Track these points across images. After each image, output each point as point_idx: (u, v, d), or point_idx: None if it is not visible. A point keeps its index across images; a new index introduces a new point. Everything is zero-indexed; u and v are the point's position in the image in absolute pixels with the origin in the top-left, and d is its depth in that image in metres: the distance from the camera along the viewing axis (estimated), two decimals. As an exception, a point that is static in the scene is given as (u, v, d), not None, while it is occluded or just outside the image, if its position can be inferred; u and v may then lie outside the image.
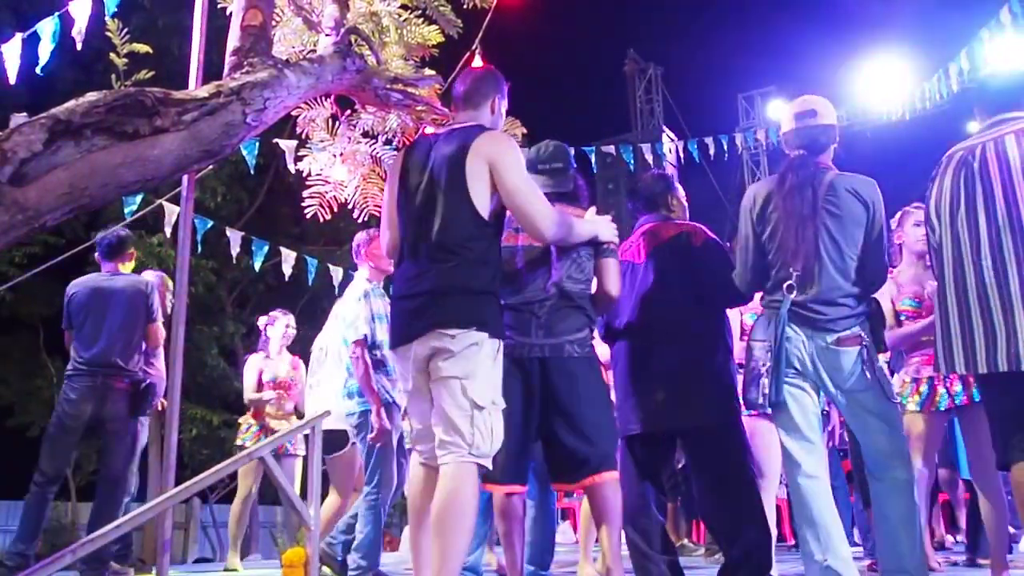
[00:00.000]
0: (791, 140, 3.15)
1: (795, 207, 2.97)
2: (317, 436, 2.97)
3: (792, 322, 2.97)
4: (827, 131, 3.13)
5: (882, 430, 2.97)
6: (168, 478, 2.67)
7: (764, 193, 3.12)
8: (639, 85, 26.77)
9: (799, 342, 2.97)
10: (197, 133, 2.53)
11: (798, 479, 2.98)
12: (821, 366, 2.96)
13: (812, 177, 3.01)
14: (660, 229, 3.47)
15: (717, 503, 3.27)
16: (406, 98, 3.64)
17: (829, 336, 2.94)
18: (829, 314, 2.94)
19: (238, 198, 13.97)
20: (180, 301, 2.99)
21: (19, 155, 2.17)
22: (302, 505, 2.83)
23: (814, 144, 3.10)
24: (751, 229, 3.12)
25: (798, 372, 2.99)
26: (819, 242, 2.95)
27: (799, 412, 3.00)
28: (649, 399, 3.26)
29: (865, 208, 2.99)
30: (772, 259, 3.06)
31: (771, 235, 3.06)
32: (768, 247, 3.07)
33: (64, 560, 2.20)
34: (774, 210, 3.06)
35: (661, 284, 3.34)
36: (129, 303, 4.80)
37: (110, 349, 4.71)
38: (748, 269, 3.14)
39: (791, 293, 2.95)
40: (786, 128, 3.19)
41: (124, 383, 4.71)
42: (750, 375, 3.02)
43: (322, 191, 3.91)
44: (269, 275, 12.45)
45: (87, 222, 11.47)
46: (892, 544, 2.93)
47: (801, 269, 2.94)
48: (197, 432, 13.52)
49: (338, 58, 3.28)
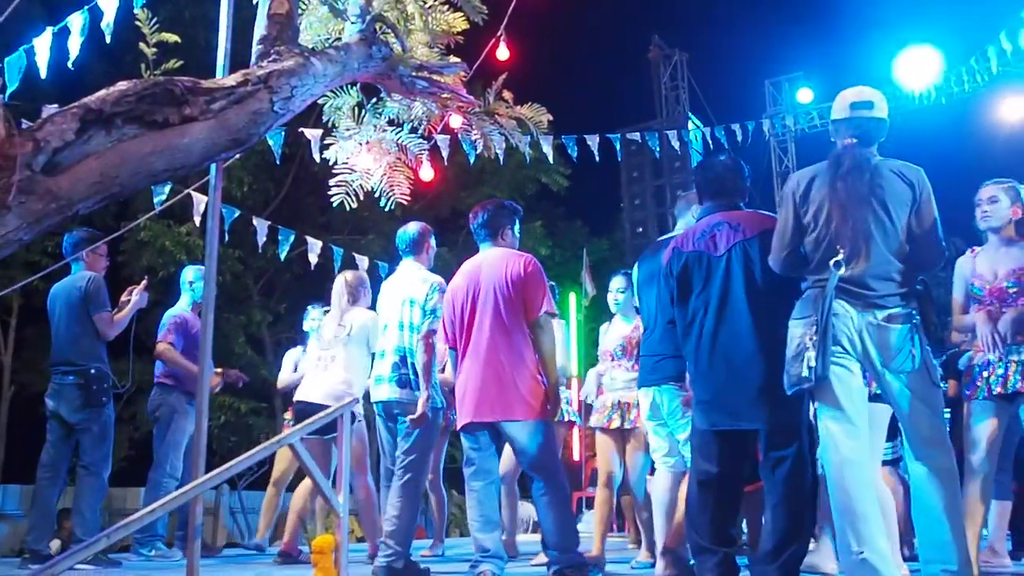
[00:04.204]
0: (843, 129, 3.16)
1: (850, 188, 2.97)
2: (346, 422, 2.99)
3: (840, 298, 2.95)
4: (880, 125, 3.15)
5: (924, 414, 2.93)
6: (199, 464, 2.70)
7: (808, 177, 3.14)
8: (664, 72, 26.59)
9: (847, 318, 2.96)
10: (225, 122, 2.54)
11: (837, 464, 2.93)
12: (869, 343, 2.94)
13: (866, 161, 3.03)
14: (741, 221, 3.41)
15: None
16: (432, 86, 3.63)
17: (879, 312, 2.93)
18: (879, 290, 2.94)
19: (264, 187, 14.08)
20: (209, 290, 3.01)
21: (52, 144, 2.19)
22: (332, 492, 2.85)
23: (867, 136, 3.12)
24: (793, 211, 3.13)
25: (845, 351, 2.96)
26: (869, 222, 2.95)
27: (843, 392, 2.96)
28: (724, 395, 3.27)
29: (911, 188, 2.99)
30: (816, 240, 3.05)
31: (814, 217, 3.06)
32: (809, 229, 3.07)
33: (99, 544, 2.24)
34: (818, 193, 3.06)
35: (741, 282, 3.30)
36: (67, 300, 4.99)
37: (58, 348, 4.97)
38: (785, 249, 3.14)
39: (839, 269, 2.93)
40: (840, 115, 3.18)
41: (75, 378, 4.87)
42: (793, 352, 2.98)
43: (348, 180, 3.92)
44: (295, 264, 12.53)
45: (117, 212, 11.61)
46: (932, 535, 2.88)
47: (850, 247, 2.94)
48: (225, 419, 13.67)
49: (364, 46, 3.28)
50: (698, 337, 3.38)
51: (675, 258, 3.52)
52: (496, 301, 3.86)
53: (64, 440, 4.92)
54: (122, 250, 12.15)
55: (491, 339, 3.83)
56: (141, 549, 5.26)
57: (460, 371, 3.95)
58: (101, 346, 5.02)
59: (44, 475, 4.86)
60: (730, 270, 3.32)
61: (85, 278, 5.00)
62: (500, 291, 3.87)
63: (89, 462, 4.86)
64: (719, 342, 3.30)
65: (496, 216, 4.14)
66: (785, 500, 3.18)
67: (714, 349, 3.32)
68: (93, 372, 4.88)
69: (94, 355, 4.95)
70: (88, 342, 4.94)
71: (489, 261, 4.01)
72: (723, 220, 3.44)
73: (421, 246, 4.66)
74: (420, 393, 4.28)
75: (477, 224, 4.16)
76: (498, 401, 3.76)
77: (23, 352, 13.48)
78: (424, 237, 4.67)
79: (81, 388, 4.85)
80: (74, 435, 4.90)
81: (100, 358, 4.98)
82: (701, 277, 3.39)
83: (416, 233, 4.66)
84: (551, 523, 3.70)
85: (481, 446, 3.89)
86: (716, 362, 3.31)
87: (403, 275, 4.62)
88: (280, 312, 14.55)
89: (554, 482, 3.76)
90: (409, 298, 4.45)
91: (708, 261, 3.38)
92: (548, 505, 3.72)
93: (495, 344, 3.81)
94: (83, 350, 4.92)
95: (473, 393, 3.83)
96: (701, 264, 3.40)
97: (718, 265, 3.35)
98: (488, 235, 4.13)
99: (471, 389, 3.84)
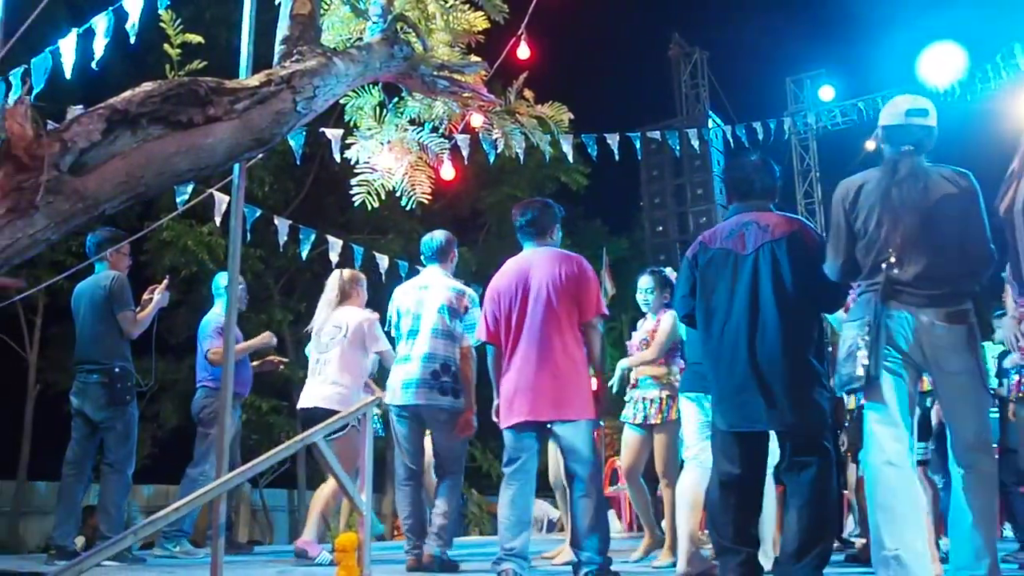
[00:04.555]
0: (898, 135, 3.16)
1: (904, 194, 3.00)
2: (368, 422, 3.00)
3: (895, 299, 2.97)
4: (932, 133, 3.17)
5: (972, 417, 2.94)
6: (222, 463, 2.72)
7: (857, 184, 3.16)
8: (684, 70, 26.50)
9: (902, 319, 2.97)
10: (249, 122, 2.56)
11: (879, 465, 2.95)
12: (924, 344, 2.95)
13: (921, 168, 3.07)
14: (771, 222, 3.41)
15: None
16: (453, 85, 3.64)
17: (935, 312, 2.95)
18: (934, 291, 2.95)
19: (285, 187, 14.15)
20: (232, 289, 3.03)
21: (79, 144, 2.21)
22: (355, 490, 2.87)
23: (921, 143, 3.14)
24: (844, 219, 3.15)
25: (899, 353, 2.97)
26: (923, 226, 2.97)
27: (892, 396, 2.98)
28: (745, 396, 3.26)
29: (962, 192, 3.02)
30: (868, 245, 3.07)
31: (864, 223, 3.08)
32: (860, 235, 3.10)
33: (127, 541, 2.26)
34: (867, 199, 3.08)
35: (768, 283, 3.29)
36: (91, 300, 5.03)
37: (82, 346, 5.02)
38: (841, 257, 3.16)
39: (891, 271, 2.97)
40: (894, 122, 3.19)
41: (99, 376, 4.91)
42: (845, 353, 3.01)
43: (370, 179, 3.94)
44: (316, 263, 12.59)
45: (140, 212, 11.71)
46: (967, 540, 2.87)
47: (903, 250, 2.97)
48: (246, 418, 13.73)
49: (385, 45, 3.29)
50: (720, 336, 3.36)
51: (701, 251, 3.50)
52: (550, 302, 3.85)
53: (89, 438, 4.98)
54: (145, 250, 12.26)
55: (546, 340, 3.81)
56: (167, 544, 5.32)
57: (508, 369, 3.91)
58: (125, 345, 5.07)
59: (69, 472, 4.92)
60: (757, 270, 3.31)
61: (109, 277, 5.05)
62: (554, 292, 3.85)
63: (113, 460, 4.91)
64: (742, 342, 3.29)
65: (544, 215, 4.13)
66: (810, 503, 3.18)
67: (736, 349, 3.30)
68: (117, 371, 4.92)
69: (118, 354, 5.00)
70: (112, 341, 4.99)
71: (540, 260, 3.99)
72: (752, 220, 3.42)
73: (447, 254, 4.74)
74: (463, 401, 4.46)
75: (524, 222, 4.12)
76: (554, 401, 3.76)
77: (48, 350, 13.63)
78: (451, 245, 4.77)
79: (105, 386, 4.90)
80: (99, 433, 4.95)
81: (124, 357, 5.03)
82: (727, 275, 3.37)
83: (443, 240, 4.73)
84: (590, 524, 3.70)
85: (526, 446, 3.88)
86: (738, 362, 3.29)
87: (432, 282, 4.67)
88: (300, 311, 14.60)
89: (596, 483, 3.79)
90: (443, 306, 4.53)
91: (735, 259, 3.37)
92: (589, 506, 3.72)
93: (550, 345, 3.80)
94: (107, 349, 4.97)
95: (527, 392, 3.80)
96: (727, 262, 3.38)
97: (745, 264, 3.34)
98: (535, 234, 4.11)
99: (524, 388, 3.81)
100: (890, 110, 3.23)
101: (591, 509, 3.72)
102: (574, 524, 3.78)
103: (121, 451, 4.91)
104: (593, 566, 3.65)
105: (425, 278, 4.73)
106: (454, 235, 4.93)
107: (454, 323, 4.54)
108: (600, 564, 3.67)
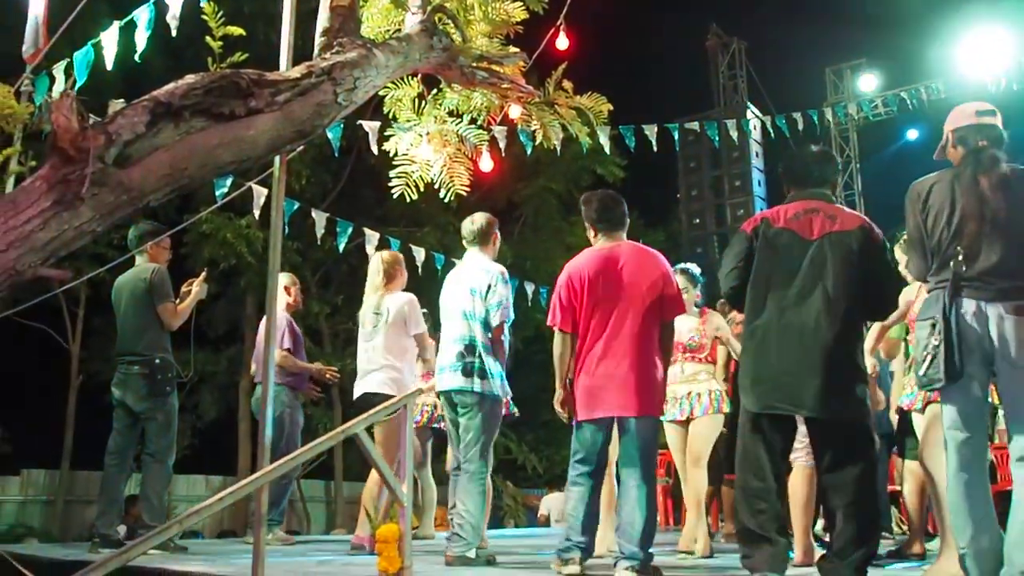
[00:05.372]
0: (973, 133, 3.20)
1: (988, 184, 3.04)
2: (409, 412, 3.00)
3: (964, 294, 3.00)
4: (1002, 134, 3.23)
5: None
6: (264, 454, 2.73)
7: (929, 184, 3.20)
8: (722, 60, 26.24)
9: (973, 312, 2.98)
10: (290, 114, 2.56)
11: (953, 471, 3.00)
12: (994, 336, 2.96)
13: (999, 161, 3.10)
14: (838, 213, 3.39)
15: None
16: (491, 76, 3.62)
17: (1007, 304, 2.96)
18: (1004, 284, 2.97)
19: (322, 180, 14.22)
20: (272, 281, 3.03)
21: (123, 137, 2.23)
22: (395, 481, 2.87)
23: (997, 141, 3.18)
24: (919, 219, 3.18)
25: (971, 348, 2.98)
26: (997, 220, 3.00)
27: (965, 400, 3.01)
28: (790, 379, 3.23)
29: None
30: (939, 242, 3.10)
31: (935, 219, 3.12)
32: (931, 233, 3.13)
33: (172, 530, 2.28)
34: (938, 197, 3.13)
35: (829, 271, 3.27)
36: (132, 292, 5.09)
37: (124, 338, 5.08)
38: (922, 256, 3.20)
39: (959, 267, 2.99)
40: (966, 122, 3.24)
41: (140, 368, 4.96)
42: (923, 353, 3.02)
43: (408, 171, 3.93)
44: (352, 256, 12.65)
45: (179, 205, 11.84)
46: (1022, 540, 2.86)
47: (974, 244, 2.99)
48: (283, 409, 13.87)
49: (425, 37, 3.28)
50: (777, 316, 3.29)
51: (765, 227, 3.41)
52: (642, 298, 3.81)
53: (130, 428, 5.04)
54: (184, 242, 12.39)
55: (633, 335, 3.77)
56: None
57: (587, 361, 3.84)
58: (165, 336, 5.12)
59: (111, 462, 4.99)
60: (822, 257, 3.27)
61: (150, 270, 5.10)
62: (646, 288, 3.83)
63: (155, 450, 4.97)
64: (794, 325, 3.24)
65: (621, 209, 4.07)
66: (856, 502, 3.14)
67: (787, 330, 3.25)
68: (158, 362, 4.98)
69: (159, 345, 5.05)
70: (153, 333, 5.05)
71: (630, 254, 3.93)
72: (819, 208, 3.39)
73: (488, 237, 4.63)
74: (491, 382, 4.31)
75: (607, 214, 4.04)
76: (636, 397, 3.72)
77: (91, 342, 13.85)
78: (492, 228, 4.66)
79: (146, 378, 4.96)
80: (140, 423, 5.01)
81: (165, 348, 5.08)
82: (789, 257, 3.31)
83: (484, 223, 4.63)
84: (642, 518, 3.66)
85: (599, 440, 3.84)
86: (786, 343, 3.24)
87: (467, 265, 4.60)
88: (338, 304, 14.70)
89: (651, 477, 3.75)
90: (473, 288, 4.44)
91: (800, 242, 3.32)
92: (641, 499, 3.68)
93: (636, 341, 3.76)
94: (148, 341, 5.02)
95: (610, 387, 3.75)
96: (791, 243, 3.33)
97: (809, 249, 3.30)
98: (615, 227, 4.03)
99: (608, 383, 3.76)
100: (957, 114, 3.29)
101: (645, 501, 3.68)
102: (622, 515, 3.74)
103: (162, 441, 4.97)
104: (635, 561, 3.61)
105: (463, 262, 4.67)
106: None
107: (482, 303, 4.41)
108: (647, 559, 3.64)
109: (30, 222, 2.12)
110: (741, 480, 3.36)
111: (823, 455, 3.29)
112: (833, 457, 3.23)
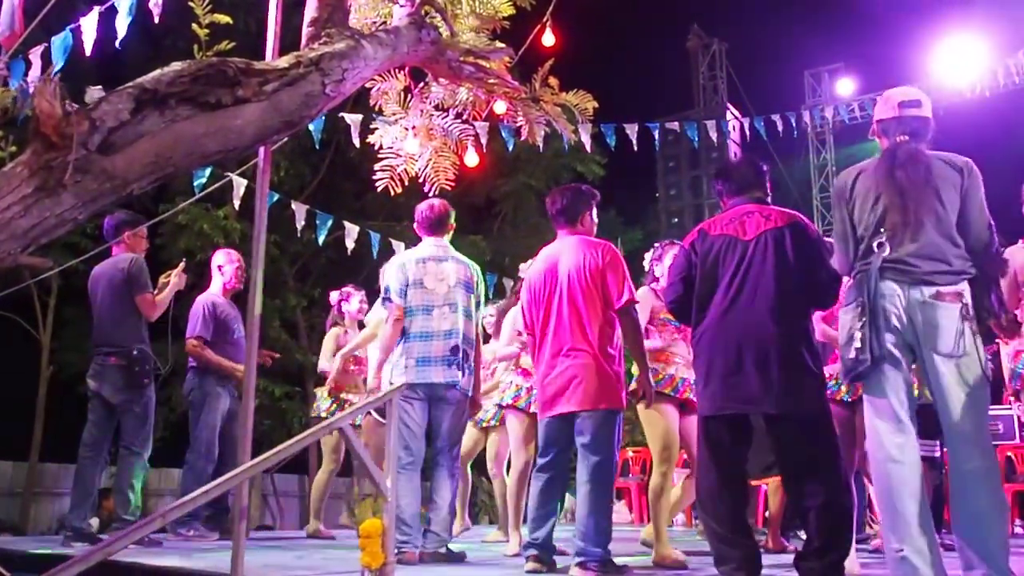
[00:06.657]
0: (893, 127, 3.16)
1: (908, 176, 2.99)
2: (394, 407, 2.98)
3: (888, 276, 2.92)
4: (927, 123, 3.17)
5: (967, 407, 2.81)
6: (245, 448, 2.69)
7: (853, 175, 3.16)
8: (703, 61, 26.34)
9: (895, 296, 2.91)
10: (278, 103, 2.52)
11: (882, 462, 2.88)
12: (917, 321, 2.88)
13: (920, 153, 3.06)
14: (771, 213, 3.43)
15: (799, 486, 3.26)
16: (478, 71, 3.60)
17: (927, 289, 2.88)
18: (927, 268, 2.90)
19: (300, 172, 14.12)
20: (256, 273, 2.99)
21: (107, 124, 2.18)
22: (380, 476, 2.85)
23: (917, 133, 3.13)
24: (844, 213, 3.14)
25: (893, 331, 2.90)
26: (922, 206, 2.95)
27: (891, 387, 2.91)
28: (739, 378, 3.22)
29: (959, 173, 2.99)
30: (864, 229, 3.05)
31: (860, 208, 3.07)
32: (859, 220, 3.07)
33: (154, 524, 2.24)
34: (863, 186, 3.08)
35: (768, 267, 3.29)
36: (109, 282, 5.02)
37: (100, 329, 5.00)
38: (844, 252, 3.15)
39: (883, 251, 2.93)
40: (889, 115, 3.19)
41: (117, 359, 4.90)
42: (845, 338, 2.95)
43: (392, 164, 3.90)
44: (330, 249, 12.58)
45: (155, 195, 11.70)
46: (972, 540, 2.78)
47: (898, 229, 2.94)
48: (259, 403, 13.77)
49: (413, 29, 3.25)
50: (718, 318, 3.32)
51: (700, 239, 3.49)
52: (573, 292, 3.82)
53: (106, 420, 4.97)
54: (160, 233, 12.25)
55: (573, 330, 3.78)
56: (180, 528, 5.31)
57: (540, 361, 3.90)
58: (143, 327, 5.06)
59: (86, 454, 4.92)
60: (758, 255, 3.31)
61: (127, 260, 5.03)
62: (578, 282, 3.83)
63: (131, 442, 4.90)
64: (736, 323, 3.26)
65: (575, 202, 4.08)
66: (828, 502, 3.13)
67: (733, 330, 3.27)
68: (135, 354, 4.91)
69: (136, 337, 4.99)
70: (130, 324, 4.98)
71: (567, 250, 3.97)
72: (754, 210, 3.46)
73: (445, 224, 4.57)
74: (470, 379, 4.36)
75: (556, 211, 4.10)
76: (581, 393, 3.72)
77: (62, 332, 13.66)
78: (450, 215, 4.60)
79: (123, 369, 4.89)
80: (116, 415, 4.94)
81: (142, 339, 5.02)
82: (727, 260, 3.36)
83: (443, 210, 4.56)
84: (591, 515, 3.63)
85: (559, 439, 3.85)
86: (730, 342, 3.26)
87: (448, 255, 4.49)
88: (315, 297, 14.60)
89: (606, 475, 3.72)
90: (465, 283, 4.44)
91: (736, 244, 3.37)
92: (591, 496, 3.67)
93: (580, 335, 3.77)
94: (125, 332, 4.95)
95: (557, 384, 3.78)
96: (728, 247, 3.37)
97: (745, 249, 3.34)
98: (566, 222, 4.08)
99: (557, 379, 3.79)
100: (883, 104, 3.25)
101: (596, 500, 3.66)
102: (578, 514, 3.73)
103: (139, 434, 4.91)
104: (585, 558, 3.59)
105: (434, 250, 4.50)
106: (468, 222, 4.86)
107: (472, 300, 4.44)
108: (597, 556, 3.61)
109: (10, 208, 2.07)
110: (701, 486, 3.38)
111: (785, 455, 3.30)
112: (795, 456, 3.24)
